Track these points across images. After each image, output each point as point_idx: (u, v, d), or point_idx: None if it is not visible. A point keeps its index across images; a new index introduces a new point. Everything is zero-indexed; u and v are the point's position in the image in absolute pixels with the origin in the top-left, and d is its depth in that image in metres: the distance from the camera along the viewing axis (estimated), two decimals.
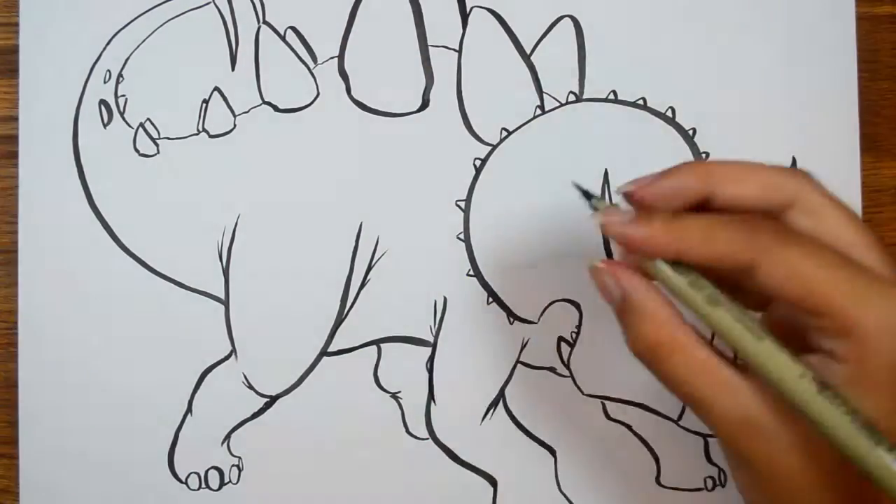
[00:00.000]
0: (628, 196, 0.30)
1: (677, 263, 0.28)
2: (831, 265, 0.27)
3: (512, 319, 0.42)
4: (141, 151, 0.42)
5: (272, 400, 0.41)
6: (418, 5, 0.42)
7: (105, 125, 0.42)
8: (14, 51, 0.42)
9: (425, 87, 0.42)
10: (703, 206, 0.30)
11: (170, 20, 0.42)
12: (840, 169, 0.42)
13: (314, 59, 0.42)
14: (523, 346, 0.42)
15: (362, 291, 0.42)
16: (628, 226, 0.29)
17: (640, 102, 0.42)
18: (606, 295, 0.30)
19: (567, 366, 0.41)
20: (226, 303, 0.42)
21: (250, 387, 0.41)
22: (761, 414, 0.28)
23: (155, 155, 0.42)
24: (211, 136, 0.42)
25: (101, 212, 0.42)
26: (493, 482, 0.41)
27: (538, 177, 0.42)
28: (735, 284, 0.28)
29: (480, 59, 0.42)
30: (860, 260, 0.28)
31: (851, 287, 0.27)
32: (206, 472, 0.41)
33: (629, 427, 0.41)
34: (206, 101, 0.42)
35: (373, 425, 0.41)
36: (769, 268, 0.27)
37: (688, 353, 0.29)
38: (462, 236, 0.42)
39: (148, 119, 0.42)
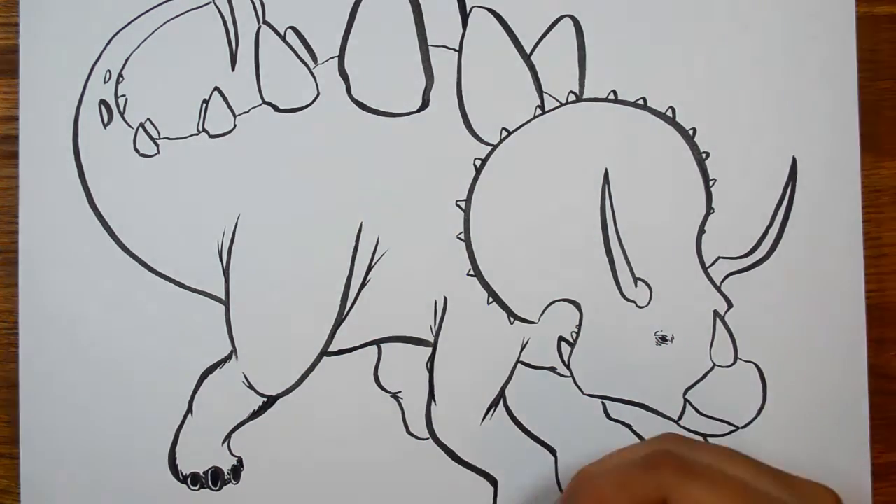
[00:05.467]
0: None
1: None
2: (730, 496, 0.32)
3: (512, 319, 0.42)
4: (141, 151, 0.42)
5: (272, 400, 0.42)
6: (418, 5, 0.42)
7: (105, 125, 0.42)
8: (14, 51, 0.42)
9: (425, 87, 0.42)
10: None
11: (170, 20, 0.42)
12: (840, 169, 0.42)
13: (314, 59, 0.42)
14: (523, 346, 0.42)
15: (362, 291, 0.42)
16: None
17: (640, 102, 0.42)
18: None
19: (567, 366, 0.41)
20: (226, 303, 0.42)
21: (250, 387, 0.41)
22: None
23: (155, 155, 0.42)
24: (211, 136, 0.42)
25: (101, 212, 0.42)
26: (494, 482, 0.41)
27: (538, 177, 0.42)
28: None
29: (480, 59, 0.42)
30: (754, 486, 0.33)
31: None
32: (207, 471, 0.41)
33: (629, 427, 0.42)
34: (206, 101, 0.42)
35: (373, 425, 0.41)
36: (678, 502, 0.32)
37: None
38: (462, 236, 0.42)
39: (148, 119, 0.42)
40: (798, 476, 0.36)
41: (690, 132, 0.42)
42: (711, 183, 0.42)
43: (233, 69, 0.42)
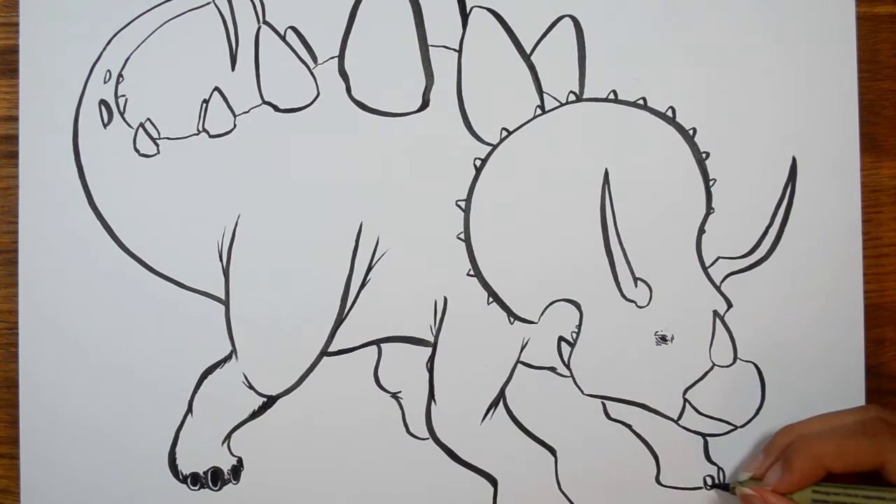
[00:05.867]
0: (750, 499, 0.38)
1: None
2: None
3: (512, 319, 0.42)
4: (141, 151, 0.42)
5: (272, 400, 0.42)
6: (418, 5, 0.42)
7: (105, 125, 0.42)
8: (14, 51, 0.42)
9: (425, 87, 0.42)
10: None
11: (170, 20, 0.42)
12: (840, 169, 0.42)
13: (314, 59, 0.42)
14: (523, 346, 0.42)
15: (362, 291, 0.42)
16: (772, 496, 0.37)
17: (640, 102, 0.42)
18: None
19: (567, 366, 0.41)
20: (226, 303, 0.42)
21: (250, 387, 0.42)
22: None
23: (155, 155, 0.42)
24: (211, 136, 0.42)
25: (101, 212, 0.42)
26: (494, 482, 0.41)
27: (538, 177, 0.42)
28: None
29: (480, 59, 0.42)
30: None
31: None
32: (207, 471, 0.41)
33: (629, 427, 0.42)
34: (206, 101, 0.42)
35: (373, 425, 0.41)
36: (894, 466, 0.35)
37: None
38: (462, 236, 0.42)
39: (148, 119, 0.42)
40: None
41: (690, 132, 0.42)
42: (711, 183, 0.42)
43: (233, 69, 0.42)
